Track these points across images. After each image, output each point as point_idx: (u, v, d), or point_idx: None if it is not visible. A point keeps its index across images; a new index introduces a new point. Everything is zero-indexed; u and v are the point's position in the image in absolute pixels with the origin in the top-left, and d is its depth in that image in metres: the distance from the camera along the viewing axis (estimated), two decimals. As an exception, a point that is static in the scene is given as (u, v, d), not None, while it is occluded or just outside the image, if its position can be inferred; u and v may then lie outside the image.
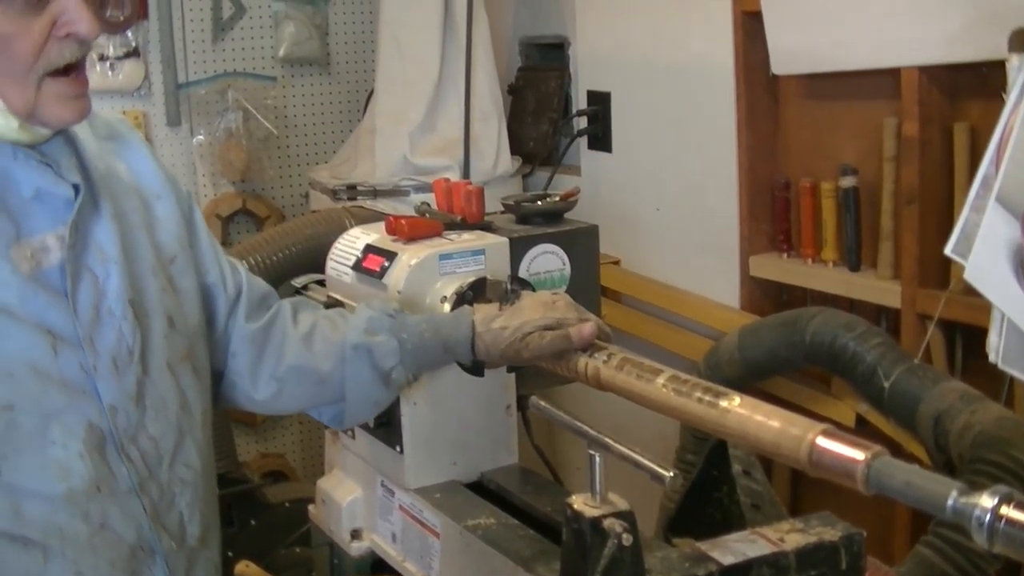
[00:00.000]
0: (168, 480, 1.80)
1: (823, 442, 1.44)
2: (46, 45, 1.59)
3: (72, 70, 1.65)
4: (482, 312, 2.04)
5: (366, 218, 3.74)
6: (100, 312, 1.72)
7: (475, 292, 2.18)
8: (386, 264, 2.23)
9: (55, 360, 1.65)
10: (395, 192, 3.93)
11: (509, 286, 2.10)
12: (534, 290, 2.19)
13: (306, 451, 4.93)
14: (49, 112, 1.64)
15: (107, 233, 1.76)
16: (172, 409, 1.81)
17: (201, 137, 4.63)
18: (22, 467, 1.62)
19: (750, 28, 3.21)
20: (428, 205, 2.47)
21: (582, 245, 2.41)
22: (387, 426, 2.27)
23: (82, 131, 1.83)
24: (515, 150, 4.10)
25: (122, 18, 4.17)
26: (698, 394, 1.66)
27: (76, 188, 1.71)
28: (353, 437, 2.46)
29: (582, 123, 3.97)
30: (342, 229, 3.62)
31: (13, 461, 1.61)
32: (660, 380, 1.73)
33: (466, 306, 2.11)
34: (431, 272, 2.21)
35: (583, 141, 3.98)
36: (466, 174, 3.74)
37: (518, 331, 1.97)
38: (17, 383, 1.61)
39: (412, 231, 2.28)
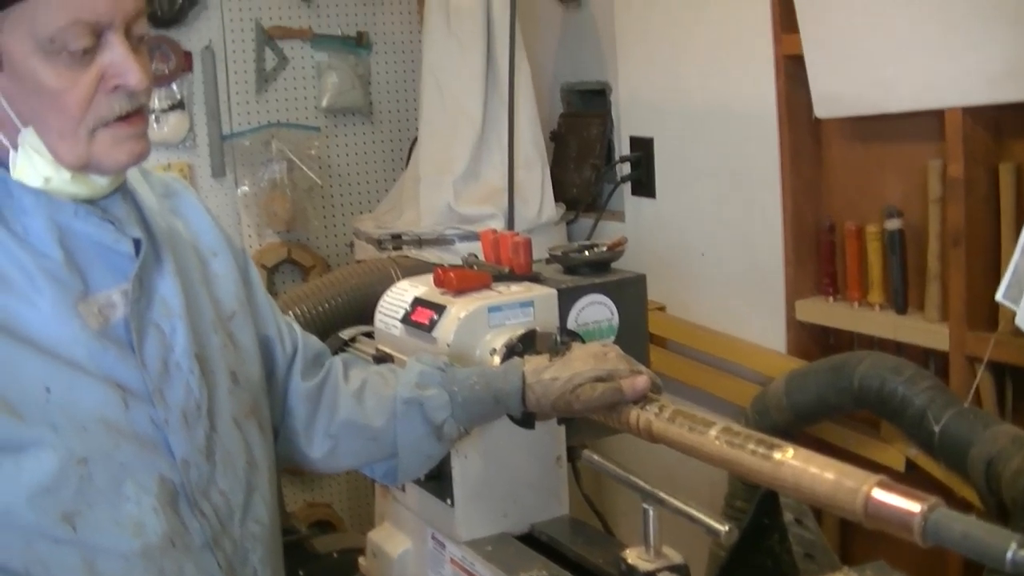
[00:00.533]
0: (240, 536, 1.81)
1: (879, 494, 1.44)
2: (95, 98, 1.60)
3: (129, 116, 1.66)
4: (532, 364, 2.03)
5: (411, 267, 3.76)
6: (168, 366, 1.73)
7: (525, 344, 2.17)
8: (435, 317, 2.23)
9: (126, 414, 1.65)
10: (440, 241, 3.94)
11: (559, 337, 2.09)
12: (584, 341, 2.18)
13: (353, 501, 4.94)
14: (103, 157, 1.65)
15: (171, 288, 1.77)
16: (240, 465, 1.82)
17: (246, 188, 4.68)
18: (96, 523, 1.62)
19: (792, 72, 3.20)
20: (475, 256, 2.48)
21: (630, 294, 2.40)
22: (438, 479, 2.26)
23: (141, 188, 1.85)
24: (558, 196, 4.11)
25: (167, 71, 4.26)
26: (751, 446, 1.65)
27: (137, 243, 1.72)
28: (403, 490, 2.45)
29: (625, 169, 3.96)
30: (388, 279, 3.65)
31: (87, 517, 1.61)
32: (712, 432, 1.72)
33: (516, 358, 2.10)
34: (481, 325, 2.20)
35: (626, 187, 3.97)
36: (510, 222, 3.75)
37: (569, 383, 1.95)
38: (90, 437, 1.61)
39: (461, 284, 2.28)
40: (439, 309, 2.24)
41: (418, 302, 2.32)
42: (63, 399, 1.60)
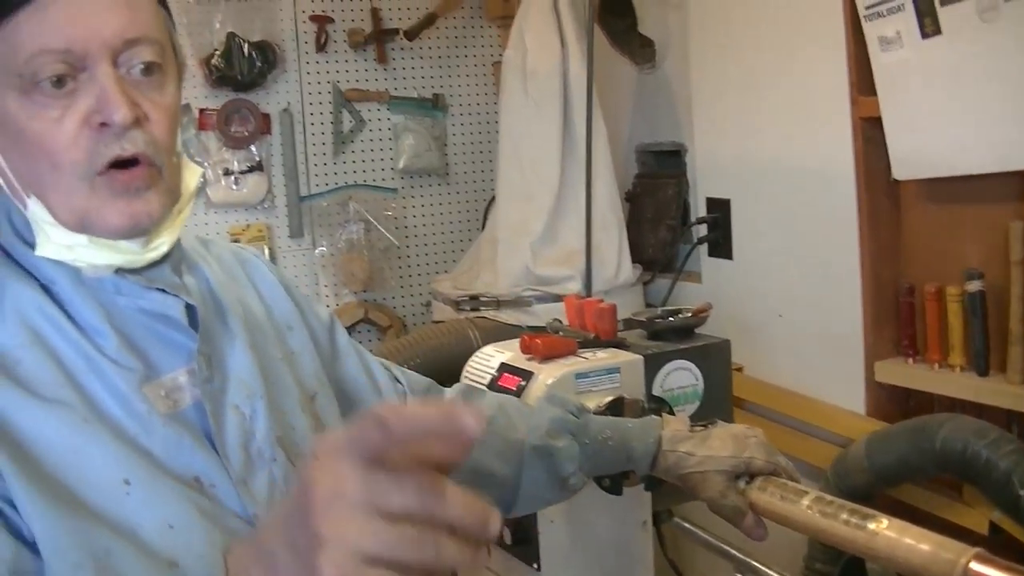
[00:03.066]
0: None
1: (977, 567, 1.44)
2: (78, 140, 1.43)
3: (128, 164, 1.47)
4: (671, 427, 2.01)
5: (489, 329, 3.79)
6: (251, 454, 1.57)
7: (613, 411, 2.18)
8: (523, 383, 2.25)
9: (213, 508, 1.48)
10: (518, 303, 3.95)
11: (646, 404, 2.11)
12: (671, 408, 2.20)
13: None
14: (95, 217, 1.47)
15: (246, 366, 1.63)
16: None
17: (323, 248, 4.72)
18: None
19: (870, 134, 3.20)
20: (560, 322, 2.50)
21: (715, 360, 2.42)
22: (524, 543, 2.28)
23: (203, 260, 1.72)
24: (634, 257, 4.11)
25: (246, 133, 4.28)
26: (844, 516, 1.65)
27: (192, 313, 1.58)
28: (489, 554, 2.45)
29: (702, 230, 3.97)
30: (466, 340, 3.68)
31: None
32: (805, 502, 1.73)
33: (655, 417, 2.08)
34: (568, 391, 2.21)
35: (703, 248, 3.98)
36: (588, 284, 3.76)
37: (701, 464, 1.93)
38: (177, 536, 1.42)
39: (547, 350, 2.30)
40: (526, 375, 2.26)
41: (505, 368, 2.34)
42: (144, 493, 1.42)
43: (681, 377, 2.38)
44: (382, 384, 2.01)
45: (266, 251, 4.60)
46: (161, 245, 1.56)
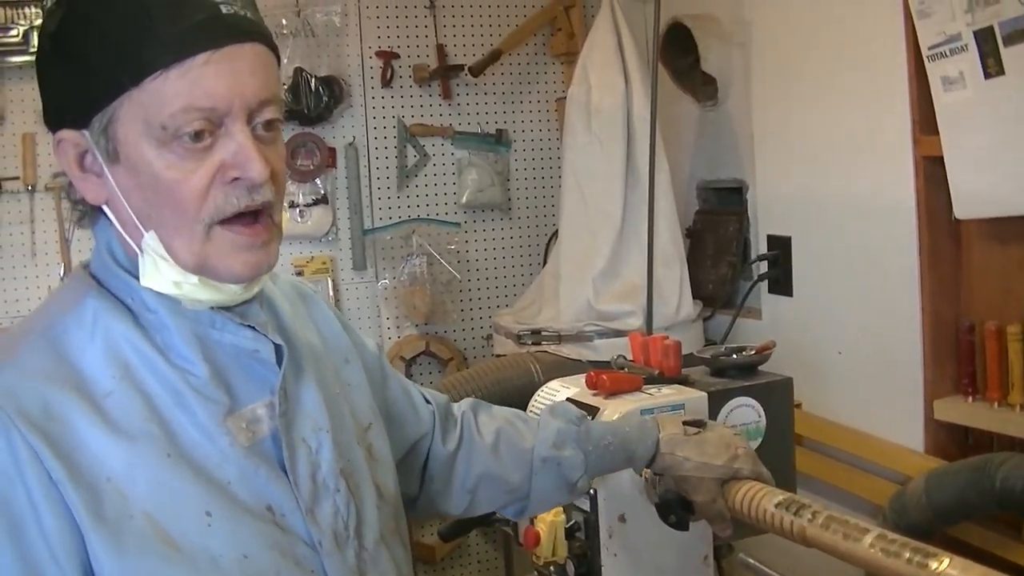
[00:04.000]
0: None
1: (1038, 605, 1.46)
2: (211, 191, 1.51)
3: (251, 219, 1.56)
4: (668, 430, 2.09)
5: (551, 363, 3.82)
6: (317, 484, 1.64)
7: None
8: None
9: (283, 538, 1.57)
10: (579, 337, 3.98)
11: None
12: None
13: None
14: (217, 262, 1.55)
15: (314, 400, 1.70)
16: None
17: (386, 281, 4.77)
18: None
19: (931, 173, 3.21)
20: (624, 358, 2.53)
21: (777, 397, 2.45)
22: (587, 576, 2.31)
23: (274, 294, 1.79)
24: (694, 293, 4.13)
25: (312, 167, 4.35)
26: (907, 554, 1.66)
27: (279, 351, 1.65)
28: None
29: (762, 267, 3.99)
30: (528, 374, 3.72)
31: None
32: (867, 540, 1.74)
33: (650, 418, 2.16)
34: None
35: (763, 284, 3.99)
36: (649, 320, 3.78)
37: (697, 470, 2.04)
38: (249, 565, 1.52)
39: (613, 386, 2.33)
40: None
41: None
42: (224, 525, 1.51)
43: (744, 414, 2.41)
44: (418, 405, 2.12)
45: (329, 283, 4.67)
46: (258, 286, 1.67)
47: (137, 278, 1.57)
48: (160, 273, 1.55)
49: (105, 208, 1.58)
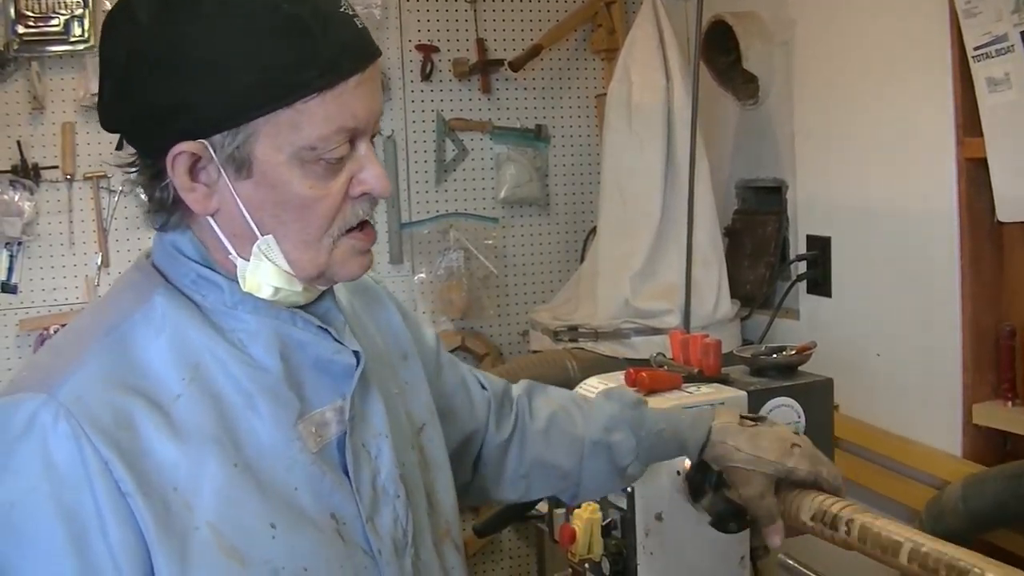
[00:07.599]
0: None
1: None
2: (342, 206, 1.53)
3: (363, 225, 1.58)
4: (722, 420, 2.05)
5: (587, 360, 3.82)
6: (377, 491, 1.62)
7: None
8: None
9: (345, 548, 1.55)
10: (616, 335, 3.97)
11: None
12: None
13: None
14: (339, 267, 1.57)
15: (375, 404, 1.67)
16: None
17: (423, 275, 4.77)
18: None
19: (974, 175, 3.19)
20: (664, 356, 2.52)
21: (817, 398, 2.43)
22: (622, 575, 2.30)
23: (339, 290, 1.73)
24: (732, 293, 4.12)
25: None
26: (943, 573, 1.64)
27: (357, 355, 1.63)
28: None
29: (801, 267, 3.97)
30: (564, 371, 3.71)
31: None
32: (903, 558, 1.71)
33: (708, 408, 2.13)
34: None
35: (801, 285, 3.97)
36: (687, 319, 3.77)
37: (748, 463, 1.98)
38: None
39: (653, 383, 2.32)
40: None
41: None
42: (288, 536, 1.49)
43: (784, 414, 2.39)
44: (475, 396, 2.09)
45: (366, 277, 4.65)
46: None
47: (208, 267, 1.56)
48: (257, 275, 1.54)
49: (210, 218, 1.54)
